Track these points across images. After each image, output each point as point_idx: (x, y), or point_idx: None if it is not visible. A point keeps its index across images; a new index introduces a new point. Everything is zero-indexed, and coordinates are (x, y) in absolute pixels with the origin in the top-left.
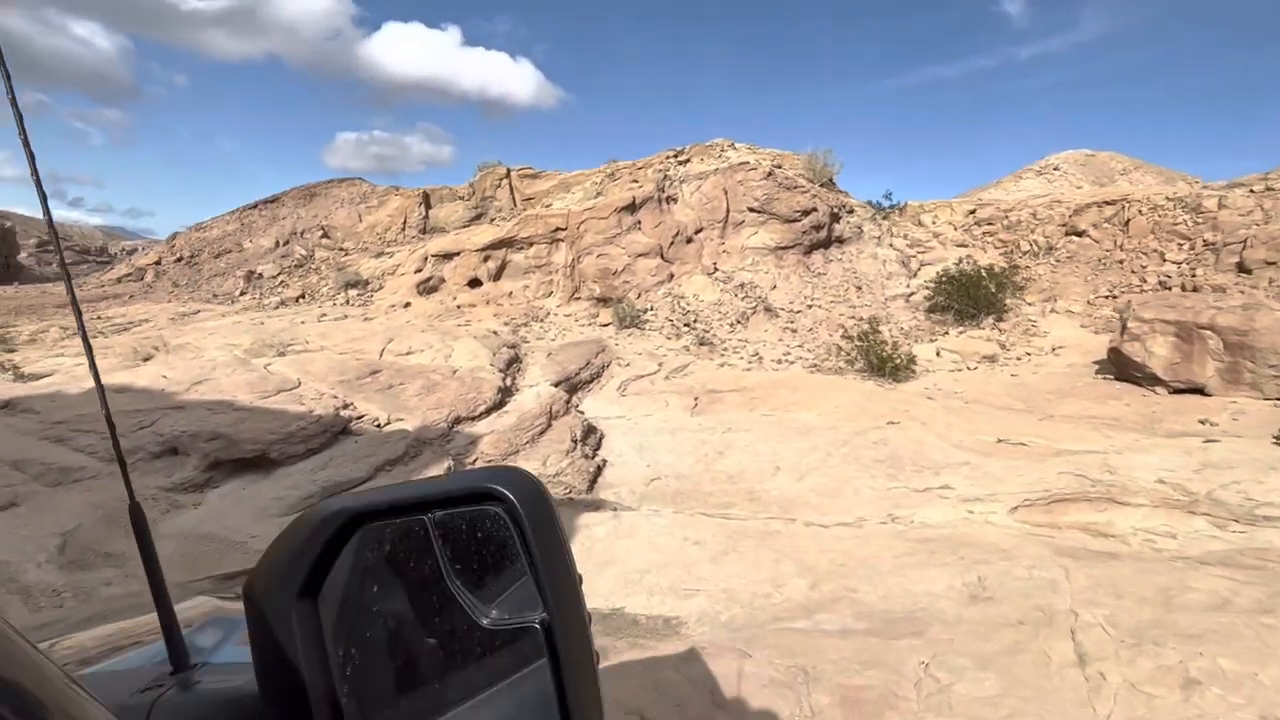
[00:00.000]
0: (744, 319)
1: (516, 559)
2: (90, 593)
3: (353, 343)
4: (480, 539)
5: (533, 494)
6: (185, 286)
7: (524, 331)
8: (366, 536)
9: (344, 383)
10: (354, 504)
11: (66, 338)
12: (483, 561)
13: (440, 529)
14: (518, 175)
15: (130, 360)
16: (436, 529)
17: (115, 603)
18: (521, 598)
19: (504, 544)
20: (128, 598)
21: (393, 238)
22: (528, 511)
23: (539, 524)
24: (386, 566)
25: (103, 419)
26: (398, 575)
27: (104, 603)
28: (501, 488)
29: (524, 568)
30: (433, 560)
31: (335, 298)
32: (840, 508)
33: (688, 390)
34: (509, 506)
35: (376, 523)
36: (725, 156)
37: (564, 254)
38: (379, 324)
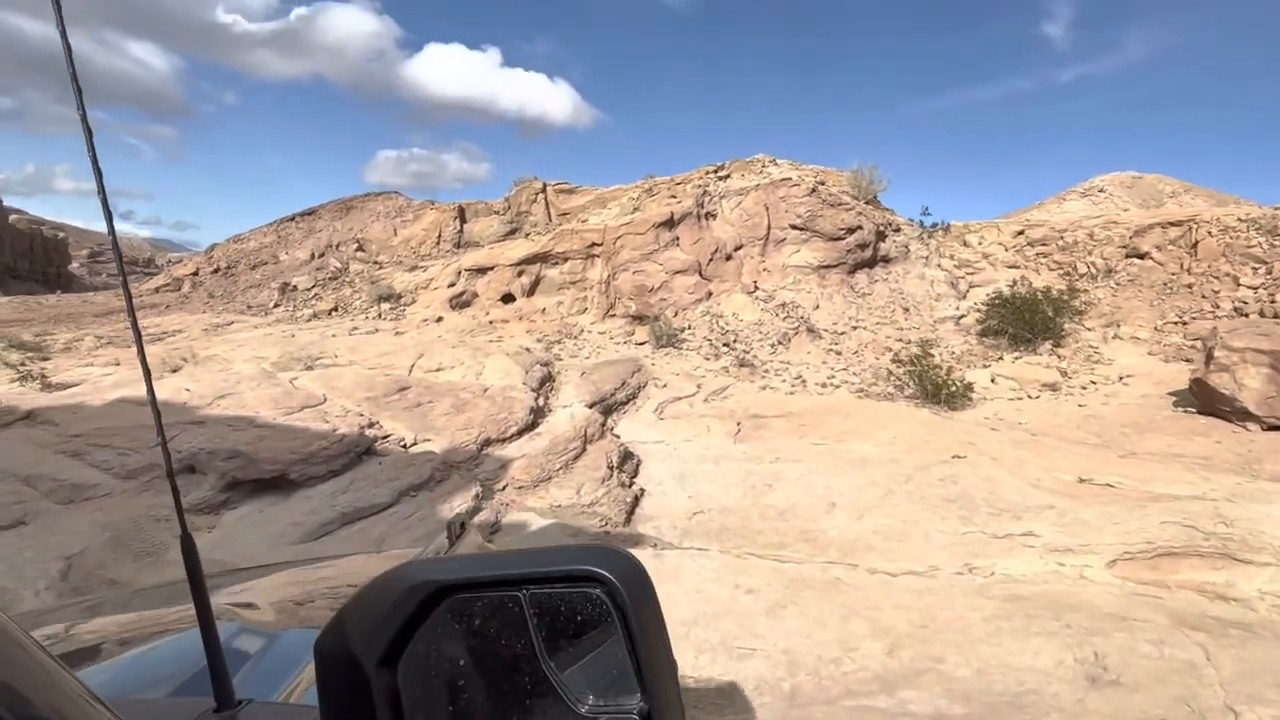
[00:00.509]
0: (785, 340)
1: (615, 644)
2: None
3: (382, 357)
4: (579, 621)
5: (635, 578)
6: (220, 298)
7: (557, 349)
8: (454, 607)
9: (371, 400)
10: (444, 574)
11: (100, 346)
12: (579, 645)
13: (536, 607)
14: (554, 190)
15: (158, 371)
16: (532, 607)
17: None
18: (619, 685)
19: (603, 628)
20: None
21: (427, 252)
22: (631, 596)
23: (641, 610)
24: (475, 641)
25: (127, 433)
26: (487, 651)
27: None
28: (604, 570)
29: (623, 654)
30: (526, 639)
31: (368, 311)
32: (908, 553)
33: (729, 414)
34: (610, 589)
35: (466, 594)
36: (766, 172)
37: (599, 270)
38: (410, 339)
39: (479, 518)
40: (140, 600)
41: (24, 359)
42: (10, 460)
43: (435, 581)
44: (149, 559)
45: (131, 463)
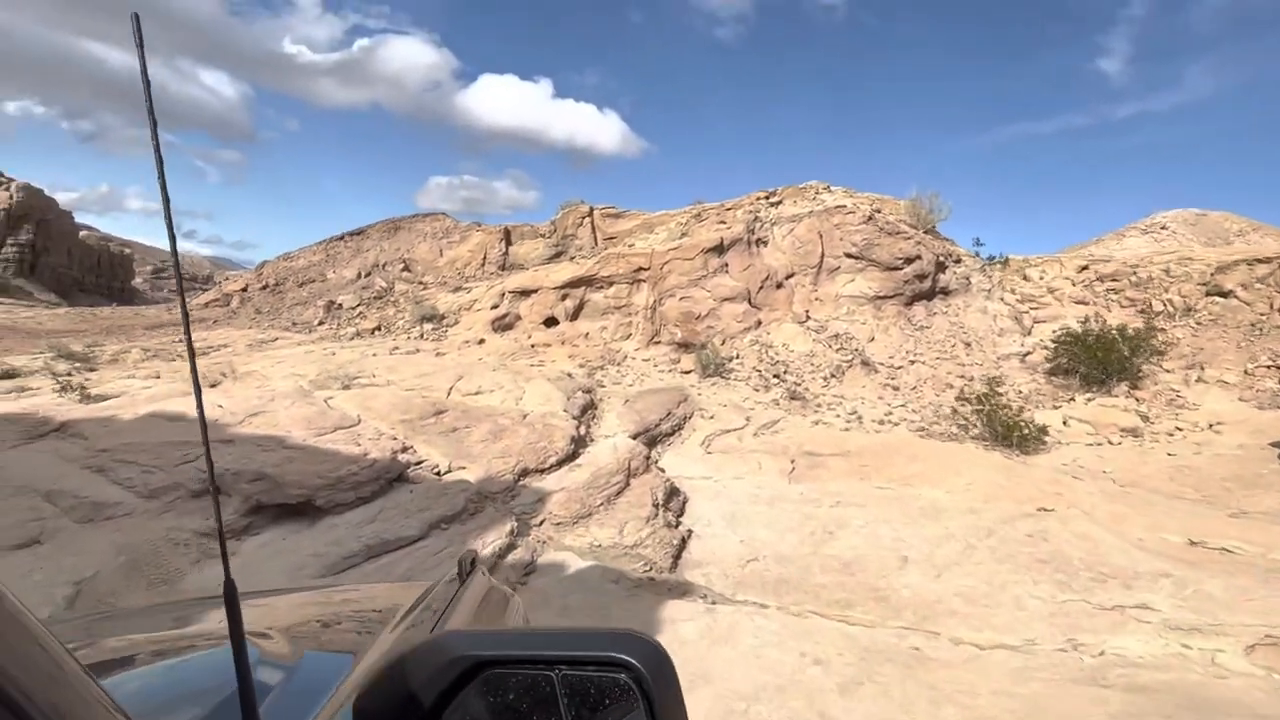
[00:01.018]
0: (839, 372)
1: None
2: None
3: (421, 378)
4: (607, 704)
5: (661, 668)
6: (267, 314)
7: (600, 375)
8: (490, 681)
9: (406, 422)
10: (483, 649)
11: (146, 359)
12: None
13: (567, 687)
14: (600, 214)
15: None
16: (563, 687)
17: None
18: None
19: (629, 711)
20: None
21: (472, 273)
22: (656, 685)
23: (665, 698)
24: (508, 715)
25: (153, 449)
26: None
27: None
28: (632, 658)
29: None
30: (557, 717)
31: (410, 331)
32: (998, 622)
33: (782, 450)
34: (637, 676)
35: (502, 670)
36: (820, 199)
37: (645, 295)
38: (450, 360)
39: (513, 556)
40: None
41: (70, 369)
42: (34, 474)
43: (474, 656)
44: (163, 587)
45: (155, 481)
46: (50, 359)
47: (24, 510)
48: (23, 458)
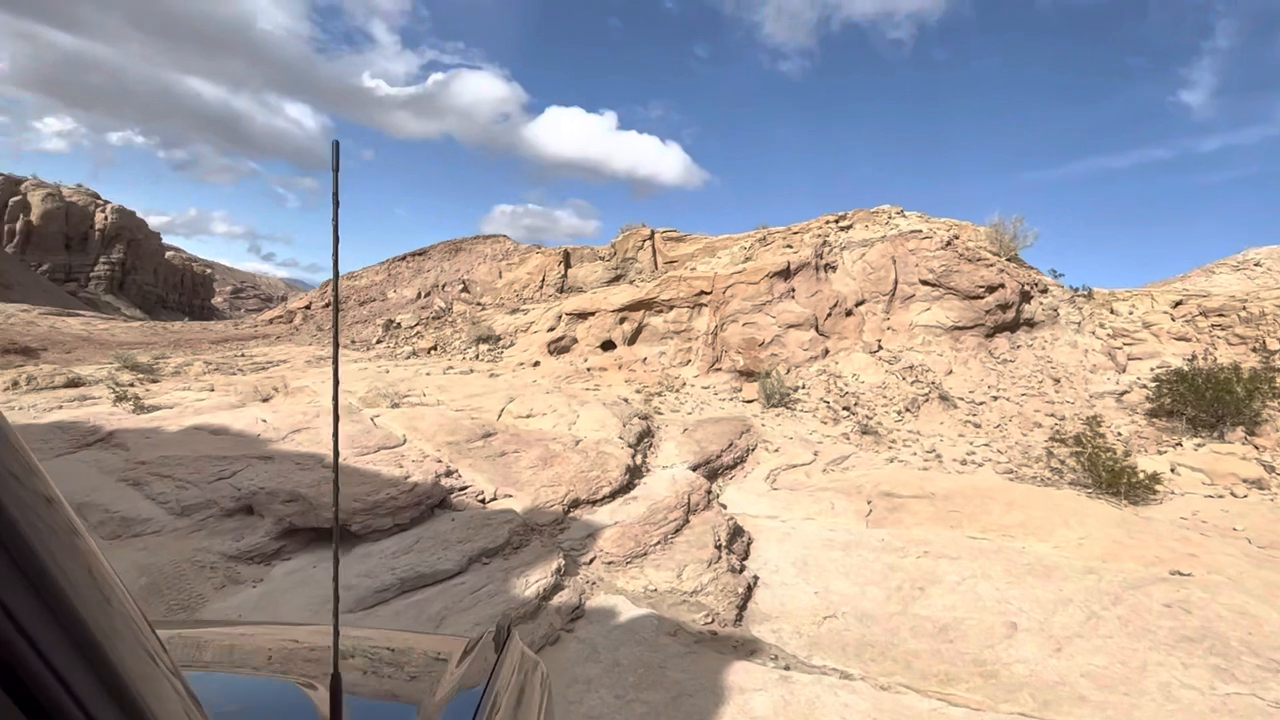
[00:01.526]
0: (914, 406)
1: None
2: None
3: (471, 399)
4: None
5: None
6: (328, 331)
7: (657, 401)
8: None
9: (452, 445)
10: None
11: (207, 372)
12: None
13: None
14: (661, 237)
15: (250, 398)
16: None
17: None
18: None
19: None
20: None
21: (530, 295)
22: None
23: None
24: None
25: (191, 464)
26: None
27: None
28: None
29: None
30: None
31: (466, 352)
32: (1144, 718)
33: (855, 489)
34: None
35: None
36: (893, 224)
37: (706, 320)
38: (503, 381)
39: (559, 598)
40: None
41: (134, 379)
42: (70, 485)
43: None
44: (182, 614)
45: (188, 498)
46: (115, 369)
47: None
48: (63, 467)
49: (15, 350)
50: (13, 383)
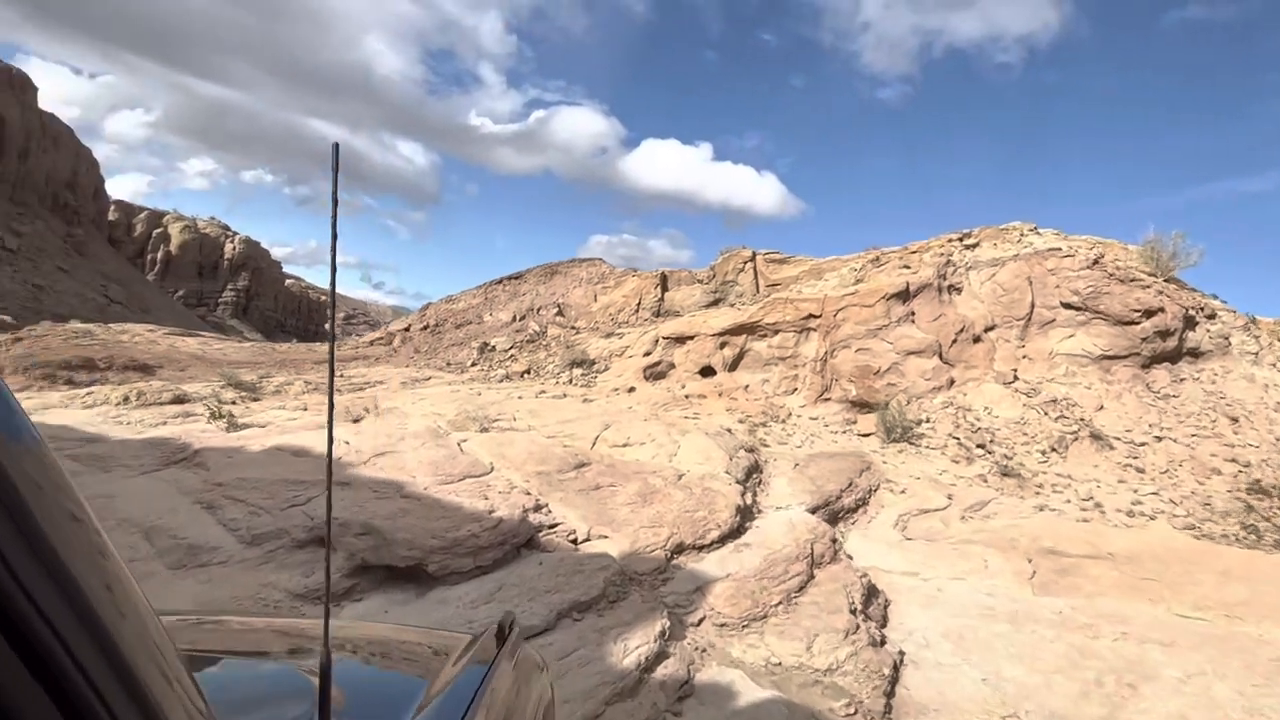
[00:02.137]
0: (1060, 446)
1: None
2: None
3: (564, 425)
4: None
5: None
6: (425, 353)
7: (763, 433)
8: None
9: (542, 475)
10: None
11: (306, 391)
12: None
13: None
14: (763, 259)
15: (341, 418)
16: None
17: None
18: None
19: None
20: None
21: (625, 319)
22: None
23: None
24: None
25: (267, 487)
26: None
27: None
28: None
29: None
30: None
31: (559, 376)
32: None
33: (1008, 544)
34: None
35: None
36: (1026, 242)
37: (815, 345)
38: (597, 407)
39: (663, 669)
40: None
41: (236, 397)
42: (143, 507)
43: None
44: None
45: (259, 525)
46: (220, 387)
47: (119, 549)
48: (142, 486)
49: (134, 367)
50: (124, 398)
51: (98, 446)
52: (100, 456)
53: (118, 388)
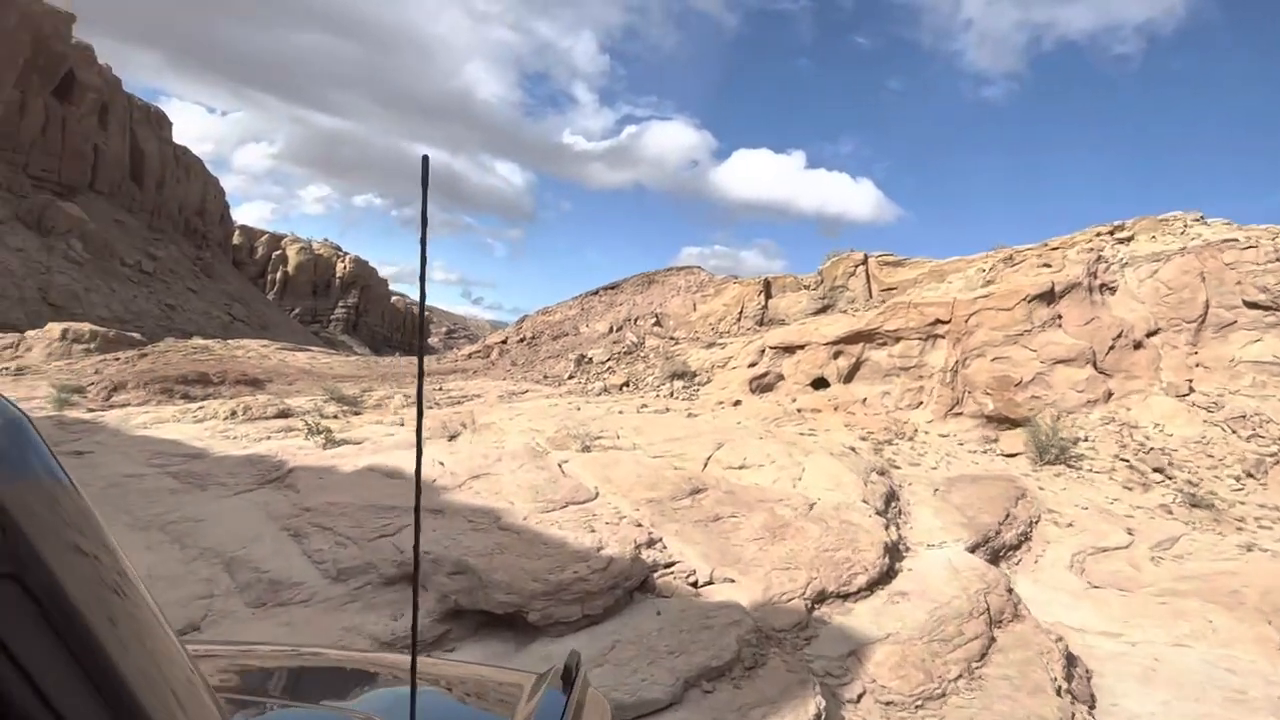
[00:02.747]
0: (1259, 471)
1: None
2: None
3: (671, 443)
4: None
5: None
6: (522, 366)
7: (890, 452)
8: None
9: (653, 503)
10: None
11: (407, 405)
12: None
13: None
14: (876, 262)
15: (437, 434)
16: None
17: None
18: None
19: None
20: None
21: (726, 328)
22: None
23: None
24: None
25: (355, 514)
26: None
27: None
28: None
29: None
30: None
31: (660, 388)
32: None
33: (1231, 597)
34: None
35: None
36: (1193, 233)
37: (943, 354)
38: (704, 423)
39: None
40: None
41: (338, 411)
42: (229, 533)
43: None
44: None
45: (345, 558)
46: (323, 401)
47: (198, 583)
48: (231, 509)
49: (245, 381)
50: (231, 412)
51: (198, 464)
52: (199, 475)
53: (226, 402)
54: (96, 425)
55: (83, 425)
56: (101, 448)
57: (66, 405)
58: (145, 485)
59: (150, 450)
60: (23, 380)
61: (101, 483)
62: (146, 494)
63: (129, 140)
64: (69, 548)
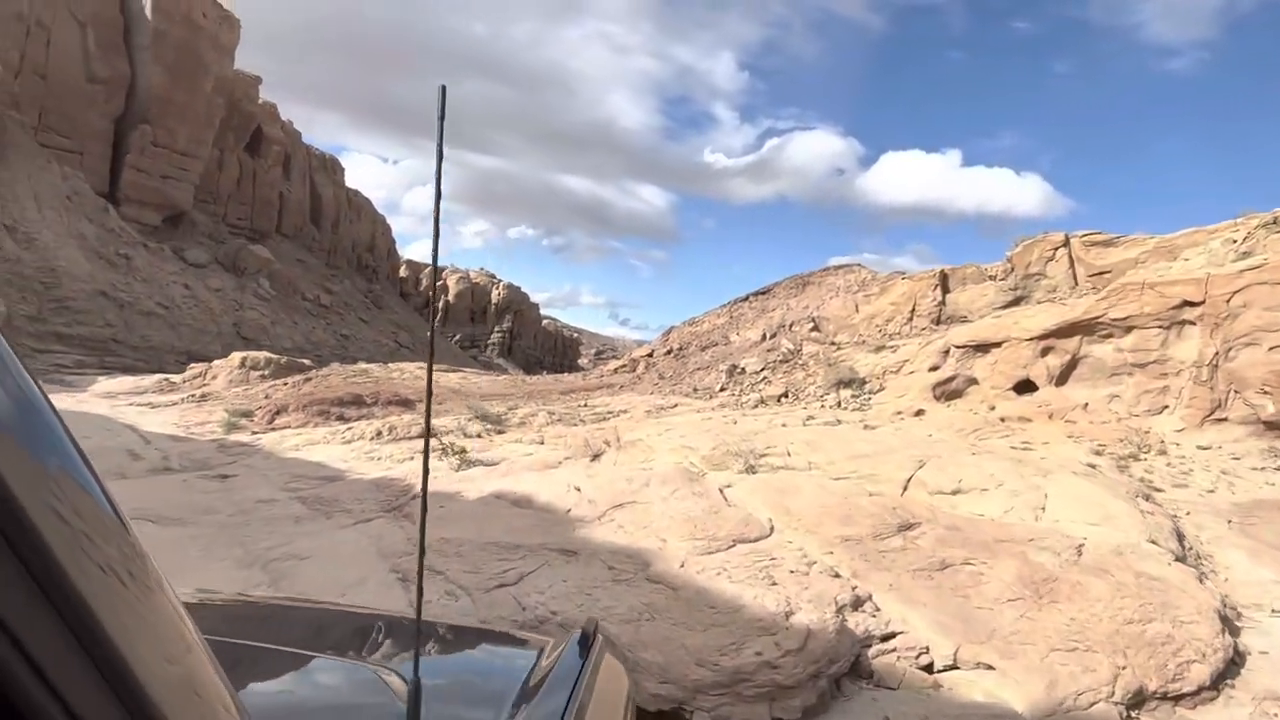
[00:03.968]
0: None
1: None
2: None
3: (855, 462)
4: None
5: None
6: (669, 379)
7: (1137, 470)
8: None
9: (850, 543)
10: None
11: (550, 424)
12: None
13: None
14: (1080, 243)
15: (580, 453)
16: None
17: None
18: None
19: None
20: None
21: (895, 329)
22: None
23: None
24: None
25: (472, 553)
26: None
27: None
28: None
29: None
30: None
31: (824, 398)
32: None
33: None
34: None
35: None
36: None
37: (1195, 345)
38: (889, 436)
39: None
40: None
41: (481, 430)
42: (331, 576)
43: None
44: None
45: (455, 612)
46: (467, 419)
47: None
48: (343, 544)
49: (397, 402)
50: (377, 433)
51: (330, 488)
52: (327, 501)
53: (374, 422)
54: (252, 448)
55: (241, 448)
56: (248, 471)
57: (234, 428)
58: (273, 512)
59: (291, 473)
60: (204, 405)
61: (231, 509)
62: (269, 523)
63: (308, 186)
64: (52, 512)
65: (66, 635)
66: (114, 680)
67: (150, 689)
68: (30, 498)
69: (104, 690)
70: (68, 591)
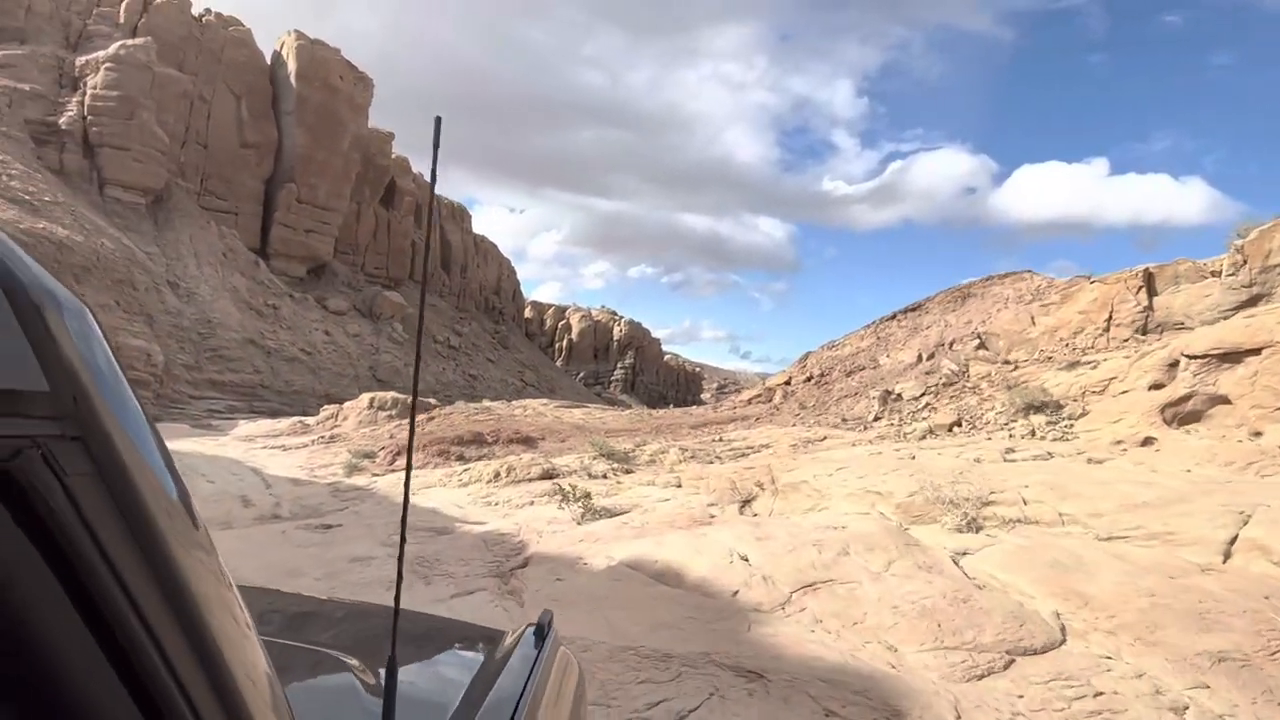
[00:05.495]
0: None
1: None
2: None
3: (1134, 513)
4: None
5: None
6: (812, 408)
7: None
8: None
9: (1227, 663)
10: None
11: (682, 460)
12: None
13: None
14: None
15: (726, 499)
16: None
17: None
18: None
19: None
20: None
21: (1089, 342)
22: None
23: None
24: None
25: (597, 669)
26: None
27: None
28: None
29: None
30: None
31: (1009, 426)
32: None
33: None
34: None
35: None
36: None
37: None
38: (1153, 475)
39: None
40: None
41: (608, 469)
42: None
43: None
44: None
45: None
46: (591, 458)
47: None
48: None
49: (518, 440)
50: (495, 474)
51: (433, 544)
52: (429, 560)
53: (491, 463)
54: (367, 492)
55: (355, 492)
56: (355, 520)
57: (355, 470)
58: (365, 575)
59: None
60: (331, 446)
61: (320, 570)
62: (356, 589)
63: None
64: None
65: (186, 642)
66: (222, 693)
67: (246, 698)
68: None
69: (212, 694)
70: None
